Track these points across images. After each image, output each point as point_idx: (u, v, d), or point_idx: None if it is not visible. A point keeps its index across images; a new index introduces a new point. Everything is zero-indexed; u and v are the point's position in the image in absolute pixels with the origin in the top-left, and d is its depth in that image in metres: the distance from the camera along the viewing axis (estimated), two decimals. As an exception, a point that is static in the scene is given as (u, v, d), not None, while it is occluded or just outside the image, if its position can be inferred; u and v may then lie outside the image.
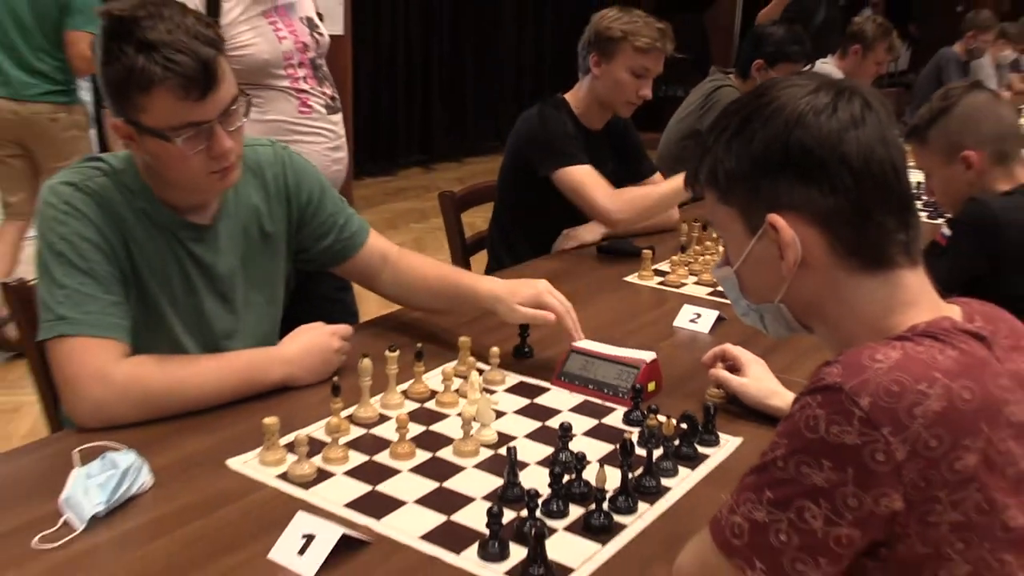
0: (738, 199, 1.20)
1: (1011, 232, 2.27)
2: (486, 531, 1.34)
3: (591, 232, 2.99)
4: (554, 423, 1.71)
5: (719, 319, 2.27)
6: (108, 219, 1.74)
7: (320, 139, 2.74)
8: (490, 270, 3.05)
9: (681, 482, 1.56)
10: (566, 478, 1.47)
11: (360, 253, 2.11)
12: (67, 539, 1.33)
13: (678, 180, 2.86)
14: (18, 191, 4.52)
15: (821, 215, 1.13)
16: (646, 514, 1.46)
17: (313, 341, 1.86)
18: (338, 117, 2.84)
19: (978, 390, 1.02)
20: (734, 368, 1.86)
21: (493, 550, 1.33)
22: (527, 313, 1.96)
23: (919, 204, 3.74)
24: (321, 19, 2.92)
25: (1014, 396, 1.05)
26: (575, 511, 1.44)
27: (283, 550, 1.32)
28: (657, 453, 1.57)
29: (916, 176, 3.81)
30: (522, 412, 1.80)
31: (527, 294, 1.98)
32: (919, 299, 1.16)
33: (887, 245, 1.14)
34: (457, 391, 1.82)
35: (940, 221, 3.07)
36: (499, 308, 1.99)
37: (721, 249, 1.29)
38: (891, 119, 1.16)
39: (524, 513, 1.36)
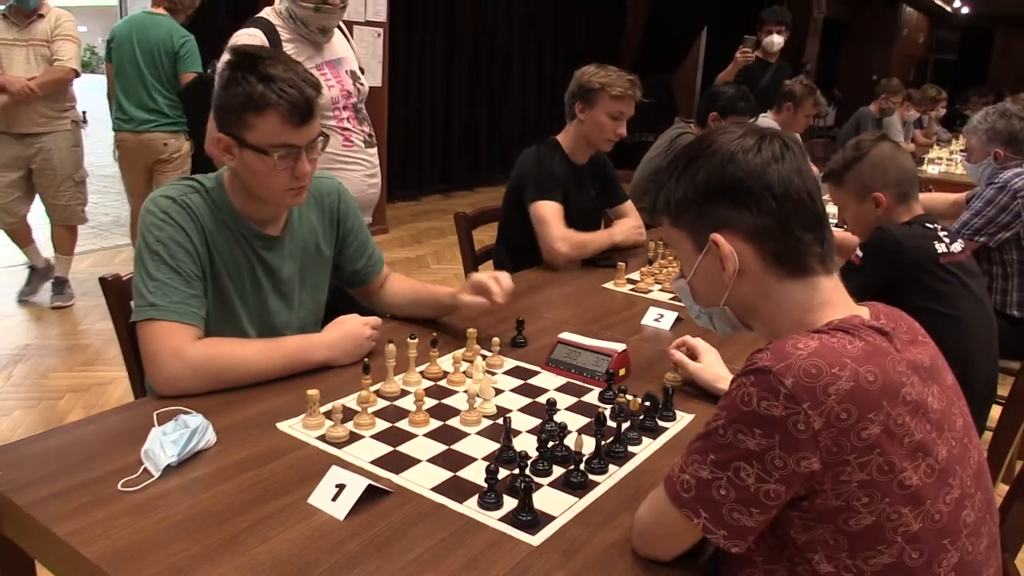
0: (687, 222, 1.21)
1: (910, 254, 2.27)
2: (485, 485, 1.33)
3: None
4: (542, 399, 1.70)
5: (678, 319, 2.26)
6: (196, 227, 1.75)
7: (359, 167, 2.74)
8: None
9: (644, 449, 1.55)
10: (551, 444, 1.46)
11: (373, 280, 2.13)
12: (145, 484, 1.33)
13: (610, 232, 2.96)
14: (141, 195, 4.75)
15: (752, 232, 1.15)
16: (615, 474, 1.45)
17: (349, 330, 1.84)
18: (374, 151, 2.84)
19: (880, 374, 1.02)
20: (692, 355, 1.85)
21: (490, 500, 1.32)
22: (467, 301, 2.02)
23: (842, 228, 3.75)
24: (362, 72, 2.92)
25: (909, 380, 1.05)
26: (557, 470, 1.43)
27: (320, 496, 1.31)
28: (625, 425, 1.56)
29: (830, 208, 3.82)
30: (517, 390, 1.78)
31: (468, 285, 2.05)
32: (834, 300, 1.16)
33: (806, 256, 1.15)
34: (464, 372, 1.81)
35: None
36: (456, 302, 2.05)
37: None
38: (804, 156, 1.18)
39: (516, 471, 1.35)
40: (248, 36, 2.58)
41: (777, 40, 5.63)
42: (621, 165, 3.37)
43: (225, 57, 2.47)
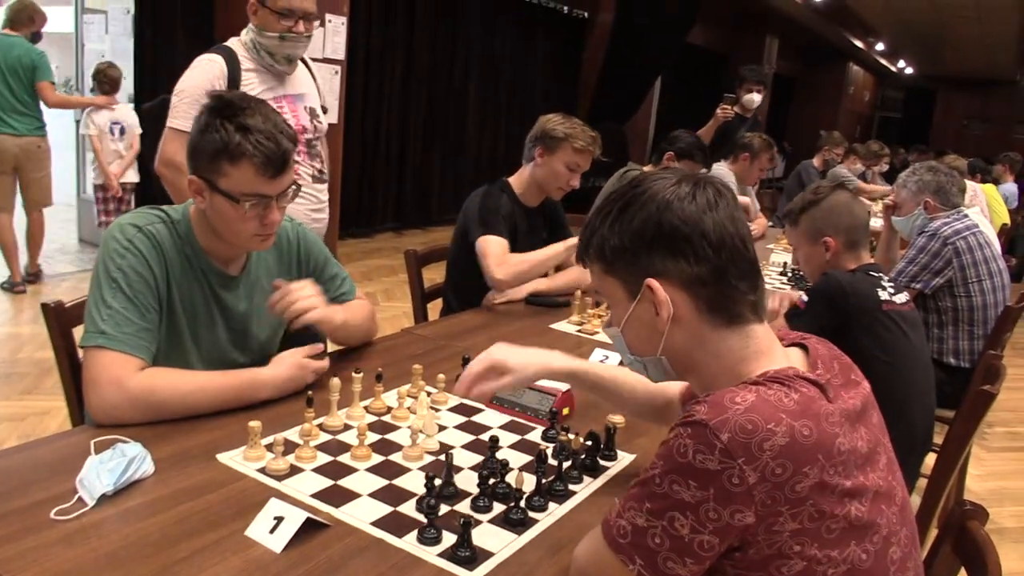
0: (620, 269, 1.21)
1: (854, 299, 2.34)
2: (424, 520, 1.33)
3: (518, 290, 2.95)
4: (486, 437, 1.70)
5: (622, 361, 2.28)
6: (158, 258, 1.74)
7: (303, 201, 2.74)
8: (443, 314, 3.06)
9: (584, 488, 1.56)
10: (492, 480, 1.46)
11: None
12: (79, 513, 1.30)
13: (555, 247, 2.91)
14: (6, 195, 5.55)
15: (688, 281, 1.16)
16: (555, 512, 1.46)
17: (294, 375, 1.81)
18: (323, 187, 2.84)
19: (815, 428, 1.03)
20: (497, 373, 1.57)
21: (429, 535, 1.32)
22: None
23: (791, 272, 3.83)
24: (325, 111, 2.97)
25: (842, 430, 1.07)
26: (498, 507, 1.44)
27: (258, 529, 1.30)
28: (566, 464, 1.57)
29: (779, 257, 3.89)
30: (460, 427, 1.79)
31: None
32: (768, 348, 1.18)
33: (740, 304, 1.17)
34: (409, 408, 1.81)
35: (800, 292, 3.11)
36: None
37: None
38: (736, 203, 1.20)
39: (456, 507, 1.35)
40: (208, 61, 2.63)
41: (757, 98, 5.85)
42: (572, 209, 3.41)
43: (201, 99, 2.51)
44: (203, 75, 2.61)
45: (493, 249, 2.83)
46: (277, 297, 1.86)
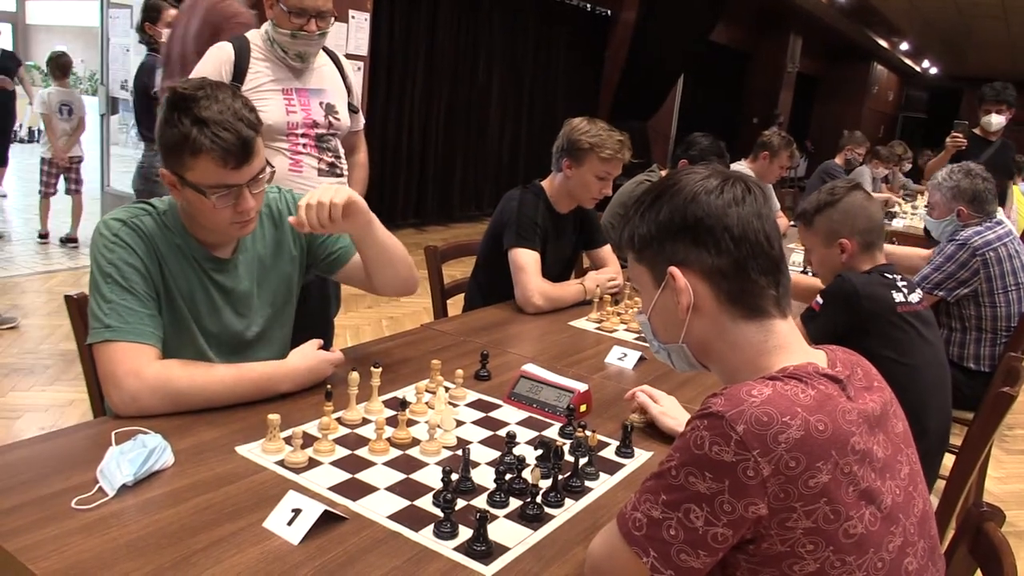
0: (648, 257, 1.23)
1: (867, 302, 2.31)
2: (441, 514, 1.34)
3: None
4: (503, 432, 1.71)
5: (641, 359, 2.28)
6: (148, 249, 1.75)
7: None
8: (466, 310, 3.06)
9: (601, 484, 1.56)
10: (508, 476, 1.47)
11: (349, 263, 2.08)
12: (99, 503, 1.32)
13: (583, 287, 2.87)
14: None
15: (709, 272, 1.17)
16: (571, 508, 1.46)
17: (313, 368, 1.83)
18: (332, 180, 2.79)
19: (830, 423, 1.03)
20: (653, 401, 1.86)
21: (445, 529, 1.32)
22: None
23: (811, 273, 3.79)
24: (355, 111, 2.97)
25: (859, 429, 1.07)
26: (514, 503, 1.44)
27: (275, 520, 1.31)
28: (583, 460, 1.57)
29: (796, 257, 3.87)
30: (478, 423, 1.79)
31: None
32: (788, 344, 1.18)
33: (761, 298, 1.17)
34: (427, 403, 1.81)
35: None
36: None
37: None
38: (766, 200, 1.20)
39: (473, 502, 1.36)
40: (217, 49, 2.67)
41: (995, 120, 5.34)
42: (601, 208, 3.40)
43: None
44: (209, 62, 2.64)
45: (529, 265, 2.80)
46: (301, 221, 1.80)
